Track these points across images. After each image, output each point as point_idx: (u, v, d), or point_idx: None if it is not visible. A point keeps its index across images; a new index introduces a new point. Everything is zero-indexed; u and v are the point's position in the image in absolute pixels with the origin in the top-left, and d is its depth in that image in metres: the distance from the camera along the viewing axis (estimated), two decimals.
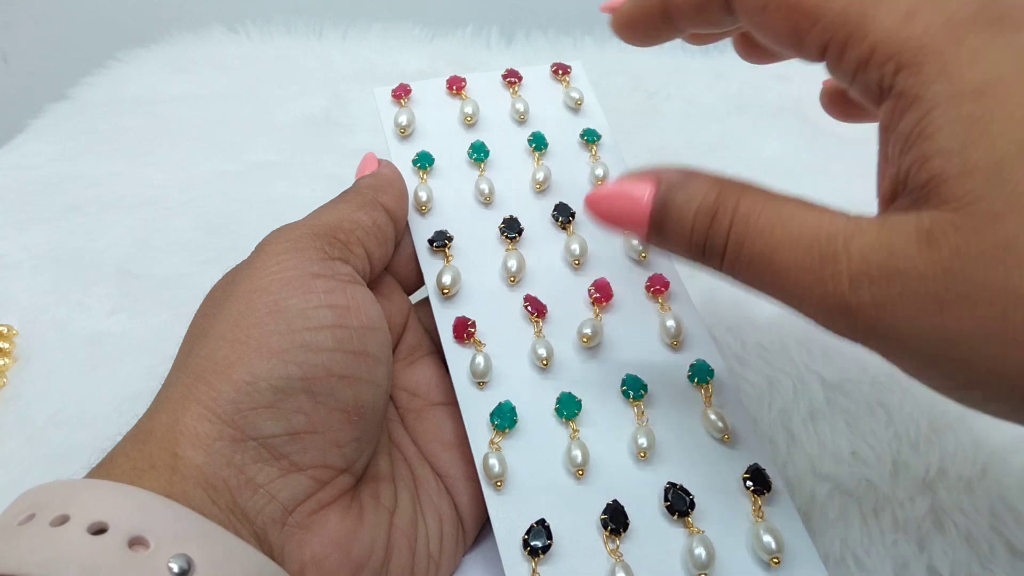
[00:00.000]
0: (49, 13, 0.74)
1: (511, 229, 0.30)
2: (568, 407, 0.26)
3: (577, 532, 0.24)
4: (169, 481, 0.20)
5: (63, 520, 0.18)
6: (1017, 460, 0.29)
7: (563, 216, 0.31)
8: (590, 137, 0.33)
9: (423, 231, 0.30)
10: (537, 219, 0.31)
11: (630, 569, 0.23)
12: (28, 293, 0.39)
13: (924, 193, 0.17)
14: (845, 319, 0.18)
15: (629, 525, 0.24)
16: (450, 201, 0.31)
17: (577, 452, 0.25)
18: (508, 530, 0.24)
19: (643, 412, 0.26)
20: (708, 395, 0.27)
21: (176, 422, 0.21)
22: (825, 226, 0.18)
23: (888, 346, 0.18)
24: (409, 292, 0.30)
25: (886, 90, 0.18)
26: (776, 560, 0.23)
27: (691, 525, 0.24)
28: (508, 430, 0.26)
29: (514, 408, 0.26)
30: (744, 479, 0.25)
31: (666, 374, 0.27)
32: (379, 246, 0.27)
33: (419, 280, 0.30)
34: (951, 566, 0.26)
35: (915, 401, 0.31)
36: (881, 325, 0.17)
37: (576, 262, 0.30)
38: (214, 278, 0.26)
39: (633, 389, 0.27)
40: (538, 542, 0.23)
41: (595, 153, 0.33)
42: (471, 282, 0.29)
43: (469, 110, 0.33)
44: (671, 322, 0.28)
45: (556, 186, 0.32)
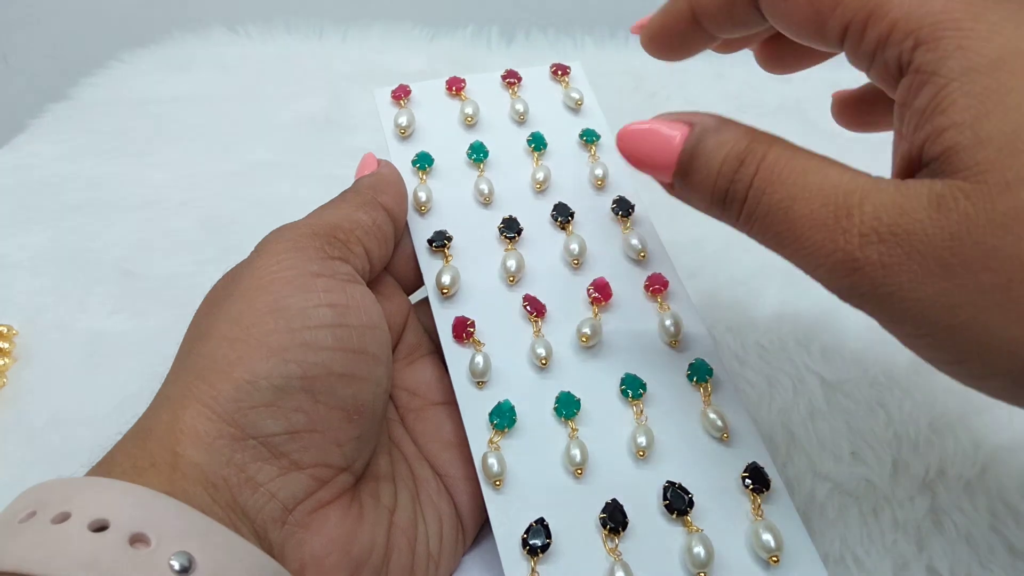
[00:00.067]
0: (49, 13, 0.74)
1: (510, 229, 0.30)
2: (567, 406, 0.26)
3: (576, 531, 0.24)
4: (169, 479, 0.20)
5: (64, 517, 0.18)
6: (1017, 460, 0.29)
7: (562, 216, 0.31)
8: (589, 137, 0.33)
9: (422, 231, 0.30)
10: (536, 219, 0.31)
11: (629, 568, 0.23)
12: (28, 293, 0.39)
13: (938, 165, 0.17)
14: (852, 276, 0.18)
15: (628, 524, 0.24)
16: (449, 201, 0.31)
17: (576, 451, 0.25)
18: (507, 529, 0.24)
19: (642, 411, 0.26)
20: (707, 394, 0.27)
21: (176, 421, 0.21)
22: (845, 182, 0.18)
23: (890, 309, 0.18)
24: (409, 292, 0.30)
25: (904, 67, 0.18)
26: (775, 559, 0.23)
27: (690, 524, 0.24)
28: (507, 429, 0.26)
29: (513, 407, 0.26)
30: (743, 478, 0.25)
31: (665, 373, 0.27)
32: (379, 246, 0.27)
33: (418, 280, 0.30)
34: (951, 566, 0.26)
35: (915, 401, 0.31)
36: (886, 285, 0.17)
37: (575, 262, 0.30)
38: (214, 278, 0.26)
39: (632, 388, 0.27)
40: (537, 541, 0.23)
41: (594, 153, 0.33)
42: (470, 282, 0.29)
43: (469, 111, 0.33)
44: (670, 321, 0.28)
45: (555, 186, 0.32)
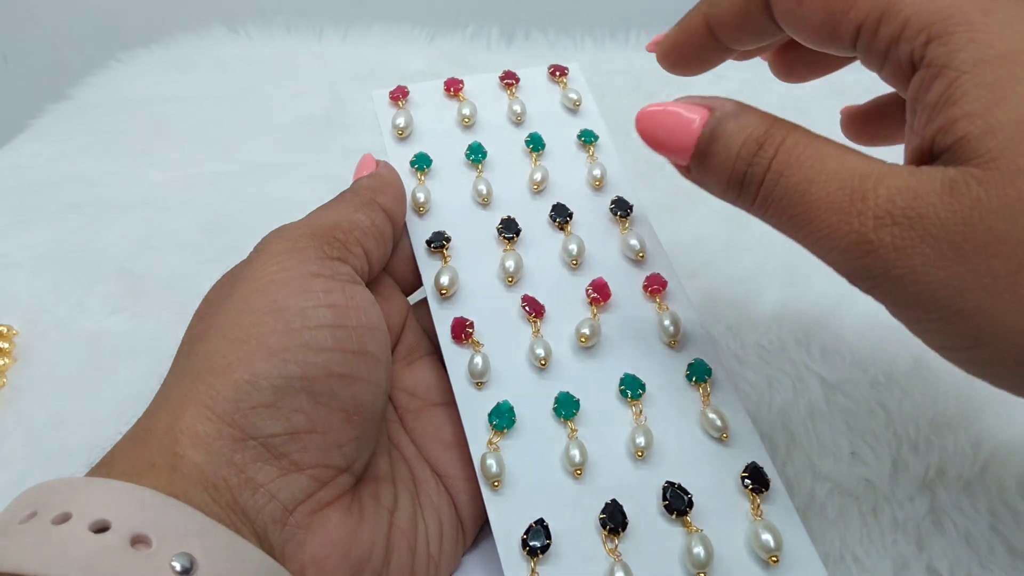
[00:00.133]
0: (49, 13, 0.74)
1: (509, 229, 0.30)
2: (566, 407, 0.26)
3: (576, 532, 0.24)
4: (170, 480, 0.20)
5: (65, 518, 0.18)
6: (1017, 460, 0.29)
7: (560, 216, 0.31)
8: (587, 138, 0.33)
9: (421, 232, 0.30)
10: (535, 220, 0.31)
11: (629, 568, 0.23)
12: (28, 293, 0.39)
13: (950, 155, 0.17)
14: (865, 259, 0.18)
15: (628, 524, 0.24)
16: (448, 202, 0.31)
17: (575, 452, 0.25)
18: (507, 530, 0.24)
19: (641, 411, 0.26)
20: (706, 394, 0.27)
21: (176, 421, 0.21)
22: (862, 167, 0.18)
23: (901, 293, 0.18)
24: (407, 293, 0.30)
25: (916, 62, 0.18)
26: (775, 559, 0.23)
27: (690, 524, 0.24)
28: (506, 430, 0.26)
29: (512, 408, 0.26)
30: (742, 478, 0.25)
31: (664, 373, 0.27)
32: (377, 246, 0.27)
33: (417, 281, 0.30)
34: (950, 566, 0.26)
35: (915, 401, 0.31)
36: (898, 267, 0.17)
37: (574, 262, 0.30)
38: (214, 278, 0.26)
39: (631, 388, 0.27)
40: (537, 542, 0.23)
41: (592, 154, 0.33)
42: (469, 283, 0.29)
43: (467, 111, 0.33)
44: (669, 321, 0.28)
45: (554, 187, 0.32)
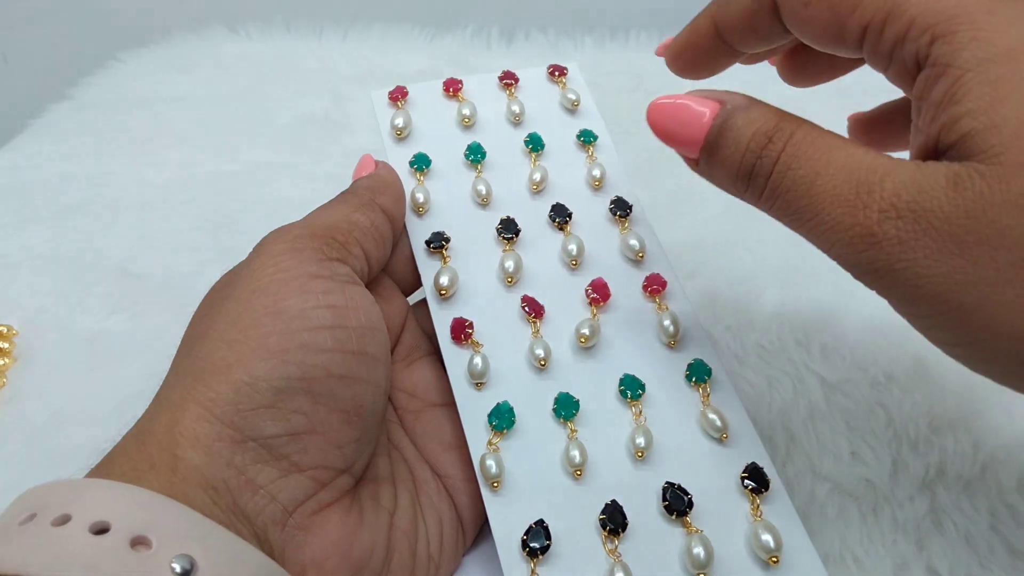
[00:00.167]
0: (49, 13, 0.74)
1: (508, 230, 0.30)
2: (566, 407, 0.26)
3: (576, 532, 0.24)
4: (169, 482, 0.20)
5: (64, 520, 0.18)
6: (1017, 460, 0.29)
7: (560, 217, 0.31)
8: (586, 138, 0.33)
9: (420, 232, 0.30)
10: (534, 220, 0.31)
11: (629, 569, 0.23)
12: (28, 293, 0.39)
13: (955, 152, 0.18)
14: (869, 251, 0.18)
15: (628, 525, 0.24)
16: (447, 202, 0.31)
17: (575, 452, 0.25)
18: (506, 531, 0.24)
19: (641, 412, 0.26)
20: (706, 394, 0.27)
21: (175, 423, 0.21)
22: (869, 161, 0.19)
23: (904, 286, 0.18)
24: (407, 293, 0.30)
25: (921, 61, 0.19)
26: (775, 559, 0.23)
27: (689, 525, 0.24)
28: (506, 431, 0.26)
29: (512, 409, 0.26)
30: (742, 478, 0.25)
31: (664, 374, 0.27)
32: (377, 247, 0.27)
33: (417, 281, 0.30)
34: (950, 566, 0.26)
35: (915, 401, 0.31)
36: (902, 260, 0.18)
37: (573, 262, 0.30)
38: (214, 278, 0.26)
39: (631, 389, 0.27)
40: (537, 543, 0.23)
41: (592, 154, 0.33)
42: (468, 283, 0.29)
43: (466, 112, 0.33)
44: (668, 321, 0.28)
45: (553, 187, 0.32)
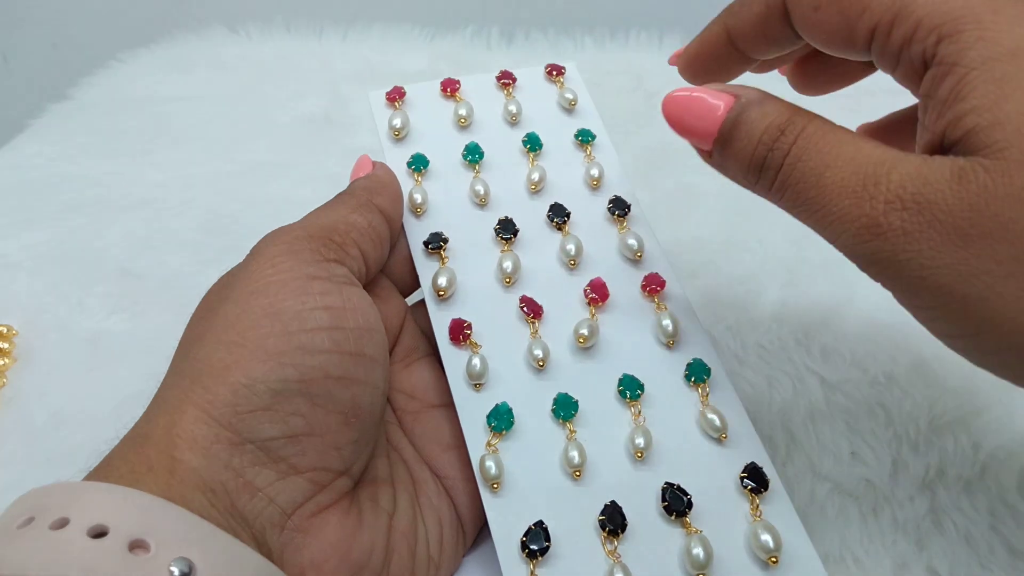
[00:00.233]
0: (49, 13, 0.74)
1: (506, 230, 0.30)
2: (565, 408, 0.26)
3: (575, 533, 0.24)
4: (167, 484, 0.20)
5: (63, 523, 0.18)
6: (1017, 460, 0.29)
7: (558, 217, 0.30)
8: (584, 138, 0.33)
9: (418, 233, 0.30)
10: (532, 220, 0.31)
11: (628, 570, 0.23)
12: (28, 293, 0.39)
13: (960, 148, 0.18)
14: (874, 242, 0.18)
15: (627, 526, 0.24)
16: (445, 203, 0.31)
17: (574, 453, 0.25)
18: (506, 532, 0.24)
19: (640, 412, 0.26)
20: (705, 394, 0.27)
21: (173, 425, 0.21)
22: (877, 154, 0.19)
23: (908, 278, 0.18)
24: (405, 294, 0.30)
25: (928, 61, 0.19)
26: (774, 559, 0.23)
27: (689, 525, 0.24)
28: (505, 432, 0.26)
29: (511, 409, 0.26)
30: (742, 478, 0.25)
31: (663, 374, 0.27)
32: (374, 248, 0.27)
33: (415, 282, 0.30)
34: (950, 566, 0.26)
35: (915, 401, 0.31)
36: (906, 251, 0.18)
37: (572, 262, 0.30)
38: (214, 278, 0.26)
39: (630, 389, 0.26)
40: (536, 544, 0.23)
41: (590, 153, 0.33)
42: (467, 284, 0.29)
43: (463, 112, 0.33)
44: (667, 321, 0.28)
45: (551, 187, 0.32)
